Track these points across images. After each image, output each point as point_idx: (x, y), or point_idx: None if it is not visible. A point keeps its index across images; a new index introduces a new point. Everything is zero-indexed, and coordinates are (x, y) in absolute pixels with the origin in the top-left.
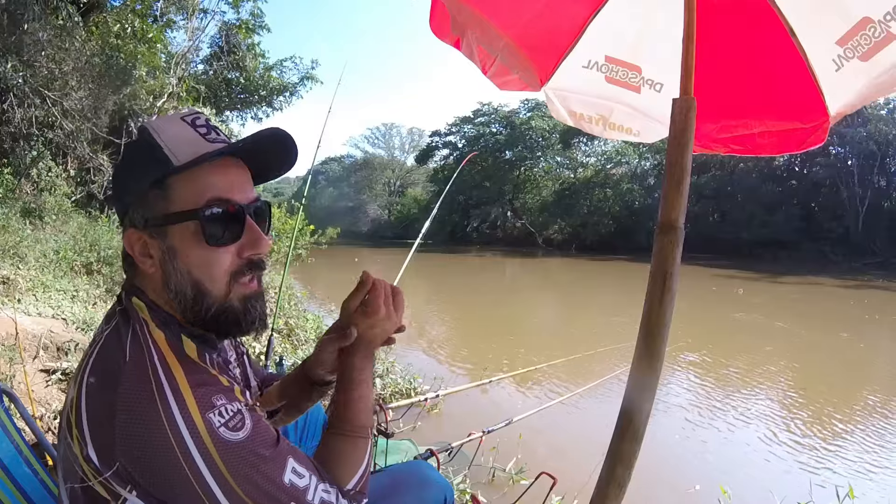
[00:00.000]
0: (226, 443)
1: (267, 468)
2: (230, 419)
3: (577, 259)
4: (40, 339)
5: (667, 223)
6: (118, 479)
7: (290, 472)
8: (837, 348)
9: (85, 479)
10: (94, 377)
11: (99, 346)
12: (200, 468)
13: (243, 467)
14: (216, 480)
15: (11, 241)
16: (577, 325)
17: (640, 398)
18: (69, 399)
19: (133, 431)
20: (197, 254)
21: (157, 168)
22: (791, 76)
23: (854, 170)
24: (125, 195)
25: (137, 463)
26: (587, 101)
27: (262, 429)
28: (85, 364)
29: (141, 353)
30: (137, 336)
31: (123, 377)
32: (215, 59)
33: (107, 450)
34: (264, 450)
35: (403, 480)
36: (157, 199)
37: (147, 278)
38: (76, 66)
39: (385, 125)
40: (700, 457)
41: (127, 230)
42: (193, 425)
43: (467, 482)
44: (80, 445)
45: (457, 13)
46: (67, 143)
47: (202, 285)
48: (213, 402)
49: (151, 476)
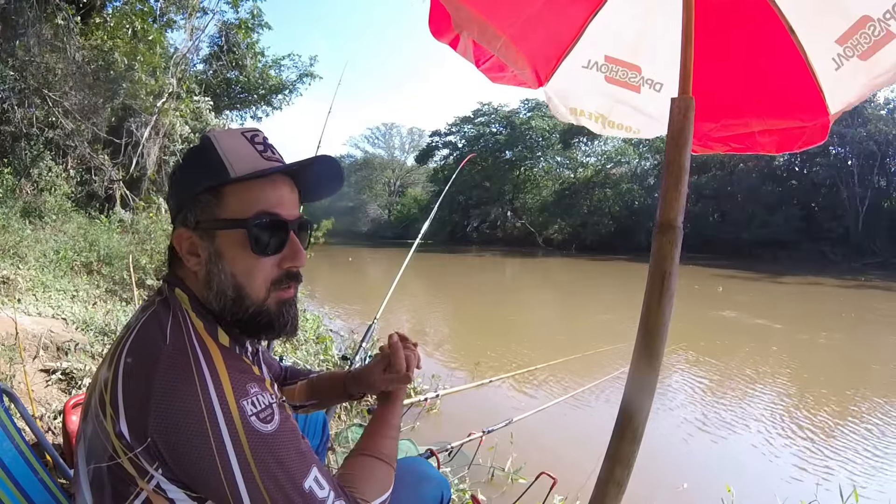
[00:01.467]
0: (256, 432)
1: (291, 467)
2: (262, 410)
3: (577, 259)
4: (40, 339)
5: (665, 223)
6: (147, 456)
7: (311, 479)
8: (821, 346)
9: (115, 455)
10: (131, 357)
11: (136, 330)
12: (228, 453)
13: (269, 460)
14: (241, 468)
15: (11, 241)
16: (577, 325)
17: (639, 398)
18: (102, 379)
19: (169, 409)
20: (241, 260)
21: (214, 176)
22: (791, 75)
23: (854, 170)
24: (180, 195)
25: (169, 441)
26: (587, 101)
27: (290, 427)
28: (121, 346)
29: (181, 337)
30: (178, 322)
31: (163, 357)
32: (215, 59)
33: (140, 425)
34: (291, 449)
35: (401, 476)
36: (210, 205)
37: (190, 274)
38: (75, 66)
39: (385, 125)
40: (690, 454)
41: (178, 228)
42: (228, 409)
43: (467, 482)
44: (113, 422)
45: (456, 13)
46: (67, 142)
47: (243, 289)
48: (248, 389)
49: (179, 455)
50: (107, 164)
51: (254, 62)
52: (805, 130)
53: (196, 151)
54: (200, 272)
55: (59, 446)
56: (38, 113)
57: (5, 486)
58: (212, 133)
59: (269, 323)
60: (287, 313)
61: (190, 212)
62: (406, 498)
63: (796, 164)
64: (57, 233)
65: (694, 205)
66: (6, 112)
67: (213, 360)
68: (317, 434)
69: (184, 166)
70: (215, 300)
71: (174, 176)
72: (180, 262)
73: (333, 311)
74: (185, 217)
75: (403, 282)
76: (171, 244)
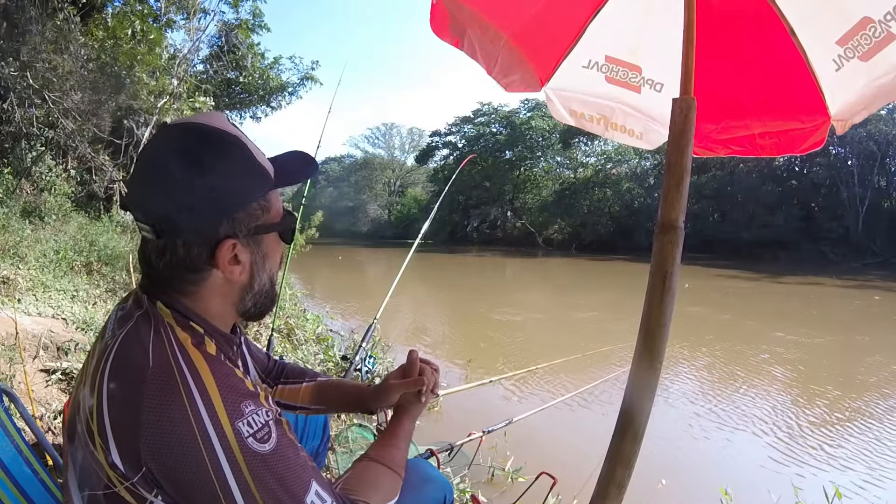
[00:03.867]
0: (254, 454)
1: (292, 485)
2: (258, 430)
3: (577, 259)
4: (40, 339)
5: (667, 223)
6: (145, 484)
7: (313, 493)
8: (778, 340)
9: (110, 485)
10: (114, 383)
11: (116, 349)
12: (227, 478)
13: (269, 480)
14: (241, 491)
15: (11, 241)
16: (577, 326)
17: (640, 398)
18: (87, 407)
19: (160, 437)
20: (276, 254)
21: (265, 184)
22: (791, 76)
23: (854, 170)
24: (233, 206)
25: (164, 468)
26: (588, 101)
27: (287, 443)
28: (101, 370)
29: (165, 356)
30: (161, 339)
31: (148, 380)
32: (215, 59)
33: (133, 456)
34: (291, 466)
35: (404, 478)
36: (262, 211)
37: (189, 289)
38: (75, 67)
39: (385, 125)
40: (670, 451)
41: (222, 240)
42: (223, 433)
43: (467, 482)
44: (104, 452)
45: (457, 12)
46: (68, 142)
47: (274, 278)
48: (242, 409)
49: (177, 482)
50: (107, 165)
51: (254, 62)
52: (805, 132)
53: (236, 160)
54: (243, 278)
55: (59, 446)
56: (38, 113)
57: (5, 486)
58: (238, 136)
59: (273, 299)
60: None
61: (242, 222)
62: (409, 500)
63: (796, 164)
64: (57, 233)
65: (694, 205)
66: (6, 112)
67: (202, 380)
68: (317, 434)
69: (227, 175)
70: (254, 299)
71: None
72: (176, 276)
73: (333, 311)
74: (234, 227)
75: (403, 282)
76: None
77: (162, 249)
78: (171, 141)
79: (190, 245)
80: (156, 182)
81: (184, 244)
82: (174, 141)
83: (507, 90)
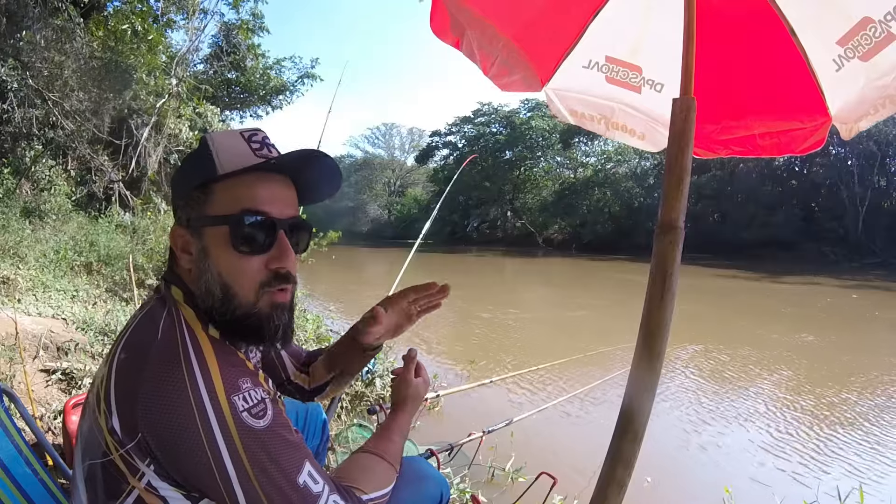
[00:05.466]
0: (248, 429)
1: (284, 463)
2: (254, 406)
3: (577, 259)
4: (40, 339)
5: (667, 223)
6: (139, 452)
7: (305, 474)
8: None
9: (107, 451)
10: (125, 353)
11: (133, 327)
12: (220, 449)
13: (261, 456)
14: (234, 465)
15: (11, 241)
16: (577, 326)
17: (640, 398)
18: (100, 376)
19: (157, 404)
20: (226, 258)
21: (202, 173)
22: (792, 76)
23: (854, 170)
24: (175, 193)
25: (159, 437)
26: (588, 101)
27: (282, 422)
28: (118, 343)
29: (172, 331)
30: (171, 317)
31: (152, 351)
32: (215, 59)
33: (130, 421)
34: (284, 444)
35: (401, 475)
36: (199, 202)
37: (185, 272)
38: (76, 67)
39: (385, 125)
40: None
41: (174, 226)
42: (218, 405)
43: (467, 482)
44: (106, 417)
45: (457, 13)
46: (68, 143)
47: (230, 289)
48: (239, 384)
49: (171, 452)
50: (107, 165)
51: (255, 63)
52: (805, 132)
53: (193, 152)
54: (193, 270)
55: (59, 446)
56: (38, 113)
57: (5, 486)
58: (209, 133)
59: (257, 327)
60: (279, 318)
61: (182, 209)
62: (405, 497)
63: (796, 164)
64: (57, 233)
65: (694, 205)
66: (6, 112)
67: (203, 354)
68: (317, 434)
69: (181, 166)
70: (203, 299)
71: (173, 175)
72: (178, 260)
73: (333, 311)
74: (179, 215)
75: (404, 282)
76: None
77: None
78: None
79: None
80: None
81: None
82: None
83: (506, 90)
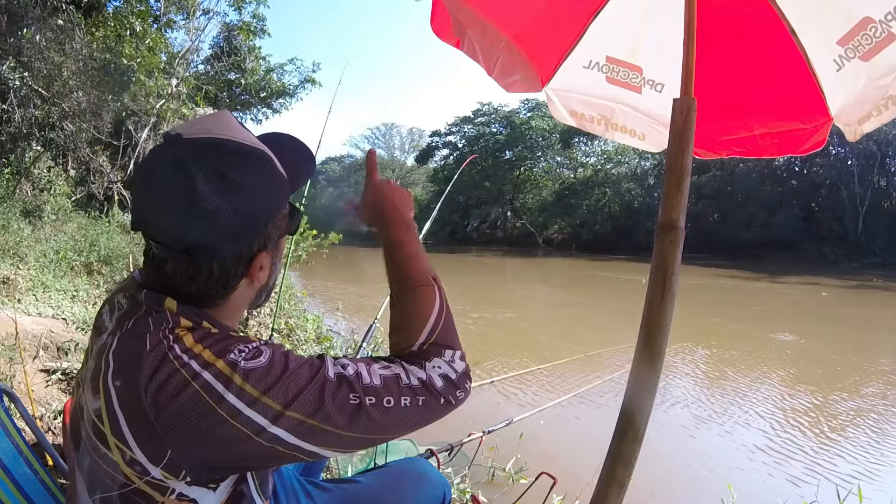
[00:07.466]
0: (252, 370)
1: (302, 372)
2: (249, 352)
3: (577, 259)
4: (40, 339)
5: (667, 223)
6: (171, 469)
7: (329, 366)
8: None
9: (129, 482)
10: (119, 380)
11: (114, 349)
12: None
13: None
14: (260, 413)
15: (11, 241)
16: (578, 326)
17: (640, 398)
18: (92, 410)
19: (166, 408)
20: (281, 247)
21: (286, 191)
22: (792, 76)
23: (854, 170)
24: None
25: (187, 442)
26: (588, 102)
27: (283, 350)
28: (102, 371)
29: (160, 339)
30: (158, 325)
31: (144, 363)
32: (216, 60)
33: (155, 442)
34: (293, 358)
35: (402, 476)
36: (285, 219)
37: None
38: (76, 68)
39: (385, 125)
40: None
41: (256, 255)
42: (218, 372)
43: (467, 482)
44: (121, 451)
45: (457, 13)
46: (68, 143)
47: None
48: (230, 347)
49: (203, 448)
50: (105, 166)
51: (256, 65)
52: (806, 132)
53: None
54: (264, 280)
55: (59, 446)
56: (38, 114)
57: (5, 486)
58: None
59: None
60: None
61: (271, 233)
62: (407, 497)
63: (796, 164)
64: (57, 233)
65: (694, 205)
66: (6, 112)
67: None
68: None
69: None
70: (266, 293)
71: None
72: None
73: (333, 311)
74: (264, 240)
75: None
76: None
77: (194, 273)
78: (194, 162)
79: (226, 265)
80: (190, 212)
81: (220, 265)
82: (197, 162)
83: (508, 90)
